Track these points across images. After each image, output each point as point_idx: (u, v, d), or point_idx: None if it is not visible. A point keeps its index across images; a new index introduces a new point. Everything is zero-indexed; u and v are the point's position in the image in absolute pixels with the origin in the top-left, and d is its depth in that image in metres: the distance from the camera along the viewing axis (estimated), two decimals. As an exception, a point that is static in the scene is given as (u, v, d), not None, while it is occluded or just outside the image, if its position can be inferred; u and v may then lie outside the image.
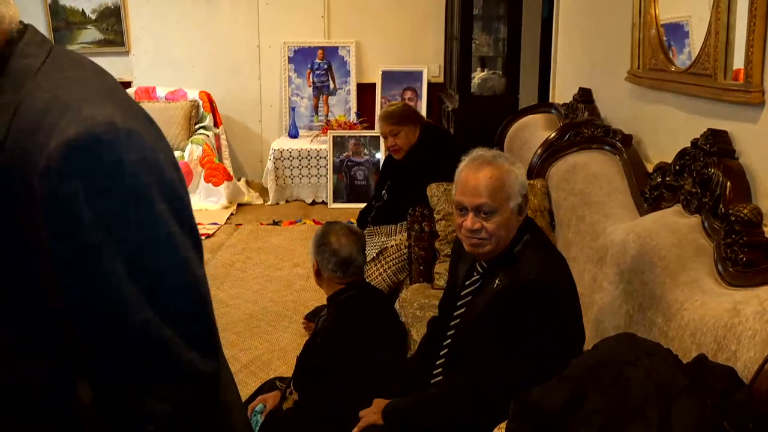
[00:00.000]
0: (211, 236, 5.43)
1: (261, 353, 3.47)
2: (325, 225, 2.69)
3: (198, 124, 6.70)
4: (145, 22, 7.06)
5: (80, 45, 7.12)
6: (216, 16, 6.97)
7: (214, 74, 7.03)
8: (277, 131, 7.11)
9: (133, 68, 7.15)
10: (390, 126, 3.72)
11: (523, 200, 1.93)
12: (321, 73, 6.99)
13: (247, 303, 4.13)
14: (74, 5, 7.03)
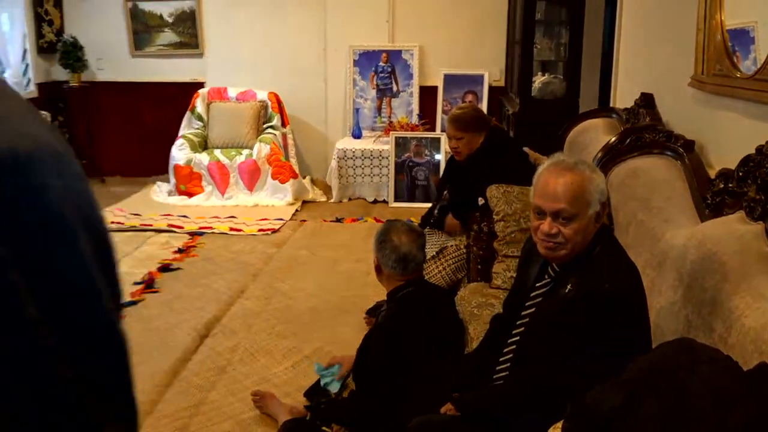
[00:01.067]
0: (276, 231, 5.51)
1: (322, 345, 3.50)
2: (387, 223, 2.71)
3: (266, 124, 6.81)
4: (218, 26, 7.20)
5: (158, 47, 7.31)
6: (285, 20, 7.07)
7: (282, 76, 7.13)
8: (341, 131, 7.17)
9: (206, 69, 7.30)
10: (455, 130, 3.71)
11: (601, 208, 1.90)
12: (385, 76, 7.02)
13: (310, 296, 4.18)
14: (153, 10, 7.22)
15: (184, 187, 6.50)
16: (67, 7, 7.38)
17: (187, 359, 3.38)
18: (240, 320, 3.83)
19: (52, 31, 7.32)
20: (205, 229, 5.58)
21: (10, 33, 6.68)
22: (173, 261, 4.83)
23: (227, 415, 2.87)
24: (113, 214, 5.97)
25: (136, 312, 3.96)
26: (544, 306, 1.97)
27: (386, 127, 6.85)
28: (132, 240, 5.35)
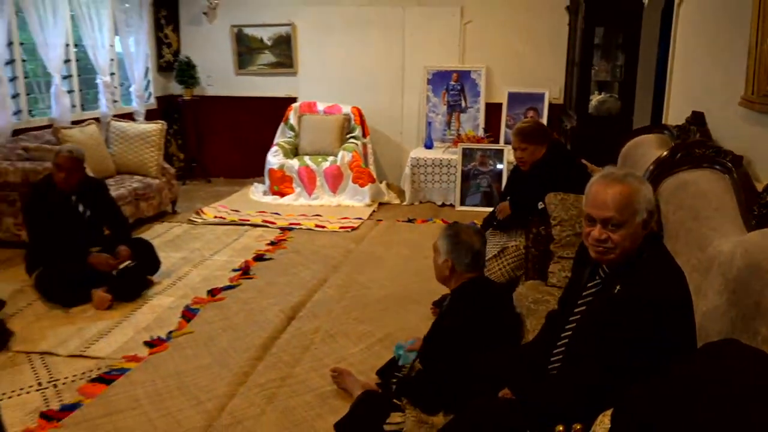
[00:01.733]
0: (355, 229, 5.55)
1: (393, 330, 3.50)
2: (455, 226, 2.65)
3: (349, 134, 6.88)
4: (310, 49, 7.32)
5: (258, 66, 7.48)
6: (368, 43, 7.13)
7: (365, 92, 7.18)
8: (414, 142, 7.18)
9: (299, 86, 7.43)
10: (519, 141, 3.66)
11: (648, 216, 1.85)
12: (455, 93, 6.98)
13: (383, 287, 4.20)
14: (255, 34, 7.40)
15: (277, 188, 6.63)
16: (184, 32, 7.64)
17: (276, 337, 3.44)
18: (322, 306, 3.88)
19: (170, 53, 7.59)
20: (294, 225, 5.68)
21: (136, 54, 6.96)
22: (266, 252, 4.93)
23: (309, 388, 2.91)
24: (217, 210, 6.14)
25: (234, 294, 4.06)
26: (594, 305, 1.93)
27: (455, 139, 6.82)
28: (232, 232, 5.50)
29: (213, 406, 2.74)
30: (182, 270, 4.52)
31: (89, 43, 6.21)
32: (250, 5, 7.35)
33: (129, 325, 3.61)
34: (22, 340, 3.40)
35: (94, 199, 4.18)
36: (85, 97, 6.50)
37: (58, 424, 2.62)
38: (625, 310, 1.75)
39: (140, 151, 5.93)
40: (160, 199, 5.90)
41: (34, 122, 5.69)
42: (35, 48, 5.62)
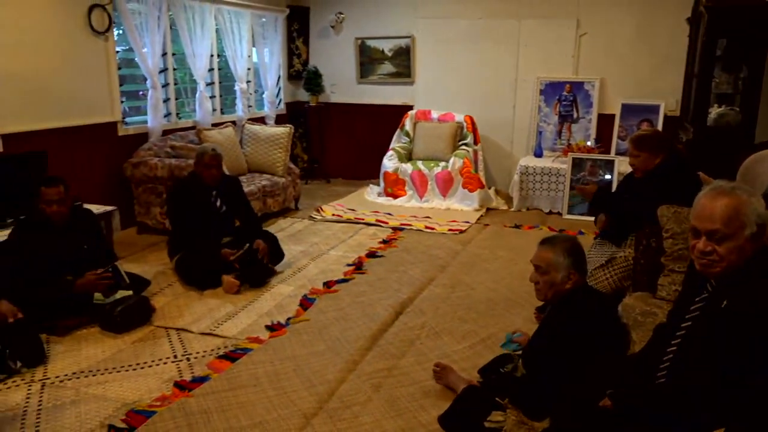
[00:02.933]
0: (463, 232, 5.50)
1: (496, 331, 3.43)
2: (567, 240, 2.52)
3: (461, 141, 6.82)
4: (427, 59, 7.33)
5: (378, 76, 7.59)
6: (482, 54, 7.03)
7: (478, 101, 7.10)
8: (524, 150, 7.00)
9: (415, 95, 7.46)
10: (633, 148, 3.48)
11: (759, 229, 1.70)
12: (567, 104, 6.74)
13: (488, 289, 4.12)
14: (377, 46, 7.51)
15: (390, 190, 6.69)
16: (313, 44, 7.89)
17: (384, 330, 3.47)
18: (429, 303, 3.87)
19: (299, 63, 7.87)
20: (405, 225, 5.70)
21: (270, 63, 7.27)
22: (378, 249, 4.98)
23: (413, 381, 2.90)
24: (335, 208, 6.29)
25: (347, 288, 4.13)
26: (701, 319, 1.80)
27: (565, 148, 6.59)
28: (347, 230, 5.61)
29: (324, 390, 2.80)
30: (302, 262, 4.67)
31: (230, 54, 6.56)
32: (373, 19, 7.48)
33: (253, 309, 3.77)
34: (161, 316, 3.64)
35: (230, 195, 4.41)
36: (224, 102, 6.87)
37: (189, 393, 2.77)
38: (732, 325, 1.62)
39: (269, 152, 6.18)
40: (284, 197, 6.13)
41: (181, 124, 6.09)
42: (184, 58, 6.00)
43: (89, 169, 5.02)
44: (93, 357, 3.13)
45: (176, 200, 4.26)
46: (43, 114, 4.63)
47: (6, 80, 4.31)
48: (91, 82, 5.04)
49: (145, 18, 5.37)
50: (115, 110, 5.28)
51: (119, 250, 4.49)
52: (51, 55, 4.65)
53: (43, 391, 2.80)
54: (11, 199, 3.98)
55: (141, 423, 2.53)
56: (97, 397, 2.74)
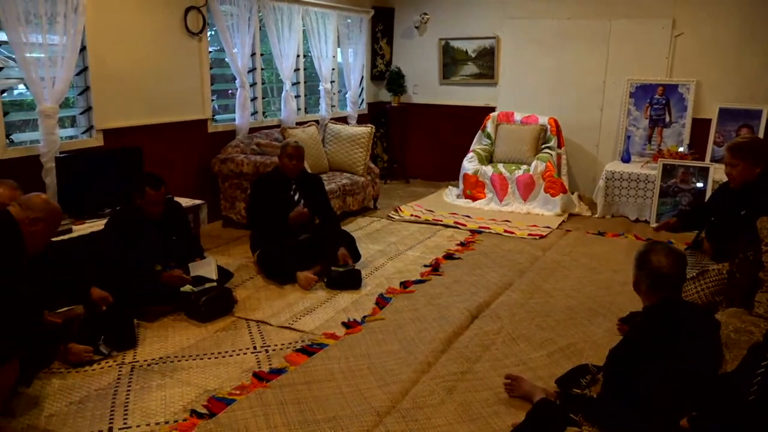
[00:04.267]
0: (543, 237, 5.38)
1: (575, 341, 3.33)
2: (649, 244, 2.42)
3: (544, 144, 6.67)
4: (512, 60, 7.22)
5: (461, 77, 7.55)
6: (570, 55, 6.85)
7: (563, 104, 6.93)
8: (611, 155, 6.77)
9: (498, 96, 7.36)
10: (730, 157, 3.29)
11: None
12: (659, 107, 6.46)
13: (568, 297, 4.01)
14: (460, 47, 7.47)
15: (470, 192, 6.64)
16: (396, 45, 7.95)
17: (460, 333, 3.44)
18: (505, 308, 3.81)
19: (383, 63, 7.94)
20: (484, 228, 5.64)
21: (353, 64, 7.37)
22: (455, 251, 4.95)
23: (487, 386, 2.87)
24: (413, 209, 6.30)
25: (424, 289, 4.13)
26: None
27: (655, 154, 6.31)
28: (425, 231, 5.60)
29: (397, 389, 2.81)
30: (379, 261, 4.71)
31: (315, 54, 6.70)
32: (457, 19, 7.44)
33: (330, 306, 3.84)
34: (243, 307, 3.76)
35: (310, 191, 4.51)
36: (308, 101, 7.03)
37: (266, 384, 2.85)
38: None
39: (350, 152, 6.27)
40: (364, 196, 6.20)
41: (266, 122, 6.28)
42: (272, 58, 6.19)
43: (180, 164, 5.27)
44: (178, 343, 3.29)
45: (257, 191, 4.41)
46: (140, 111, 4.90)
47: (109, 79, 4.59)
48: (185, 81, 5.28)
49: (237, 19, 5.58)
50: (206, 108, 5.52)
51: (205, 242, 4.68)
52: (149, 55, 4.92)
53: (132, 374, 2.96)
54: (109, 191, 4.24)
55: (221, 410, 2.62)
56: (181, 382, 2.88)
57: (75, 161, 4.15)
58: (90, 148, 4.51)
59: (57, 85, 4.09)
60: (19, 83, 4.29)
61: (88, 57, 4.42)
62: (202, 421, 2.54)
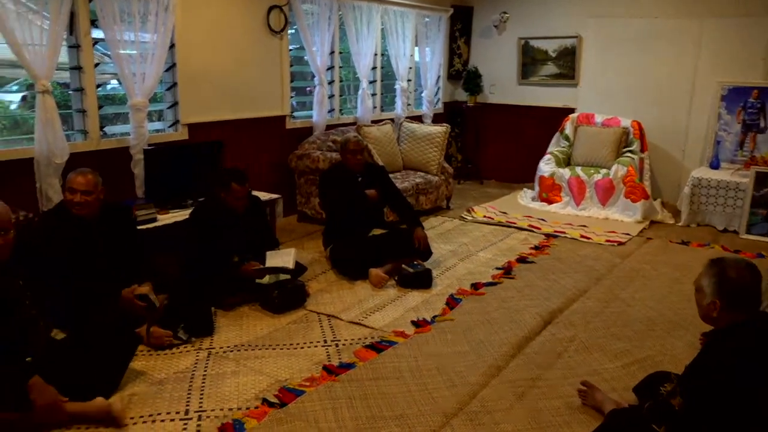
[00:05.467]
0: (622, 244, 5.20)
1: (653, 354, 3.21)
2: (719, 262, 2.24)
3: (626, 148, 6.45)
4: (594, 60, 7.02)
5: (540, 77, 7.40)
6: (656, 56, 6.59)
7: (647, 106, 6.68)
8: (698, 161, 6.46)
9: (578, 97, 7.17)
10: None
11: None
12: (753, 111, 6.11)
13: (647, 307, 3.86)
14: (540, 46, 7.33)
15: (545, 195, 6.50)
16: (474, 44, 7.88)
17: (531, 338, 3.38)
18: (579, 315, 3.71)
19: (460, 62, 7.89)
20: (559, 233, 5.51)
21: (430, 63, 7.37)
22: (529, 255, 4.86)
23: (558, 395, 2.80)
24: (486, 210, 6.24)
25: (494, 291, 4.08)
26: None
27: (747, 161, 5.97)
28: (498, 233, 5.54)
29: (465, 392, 2.79)
30: (450, 261, 4.69)
31: (393, 53, 6.74)
32: (538, 18, 7.30)
33: (400, 304, 3.86)
34: (315, 301, 3.84)
35: (375, 182, 4.53)
36: (384, 99, 7.07)
37: (335, 378, 2.90)
38: None
39: (425, 151, 6.27)
40: (437, 195, 6.19)
41: (343, 120, 6.37)
42: (350, 56, 6.27)
43: (258, 159, 5.42)
44: (252, 333, 3.39)
45: (325, 185, 4.48)
46: (223, 106, 5.07)
47: (194, 75, 4.78)
48: (266, 79, 5.43)
49: (317, 18, 5.68)
50: (284, 105, 5.66)
51: (280, 236, 4.79)
52: (233, 52, 5.09)
53: (208, 360, 3.08)
54: (191, 183, 4.41)
55: (291, 400, 2.69)
56: (254, 371, 2.96)
57: (161, 153, 4.35)
58: (175, 141, 4.71)
59: (147, 80, 4.29)
60: (113, 78, 4.53)
61: (176, 54, 4.62)
62: (272, 410, 2.61)
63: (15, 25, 3.56)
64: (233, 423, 2.51)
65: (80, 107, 4.15)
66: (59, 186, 3.81)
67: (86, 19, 4.04)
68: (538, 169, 6.61)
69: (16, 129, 4.28)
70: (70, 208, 3.11)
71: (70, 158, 3.86)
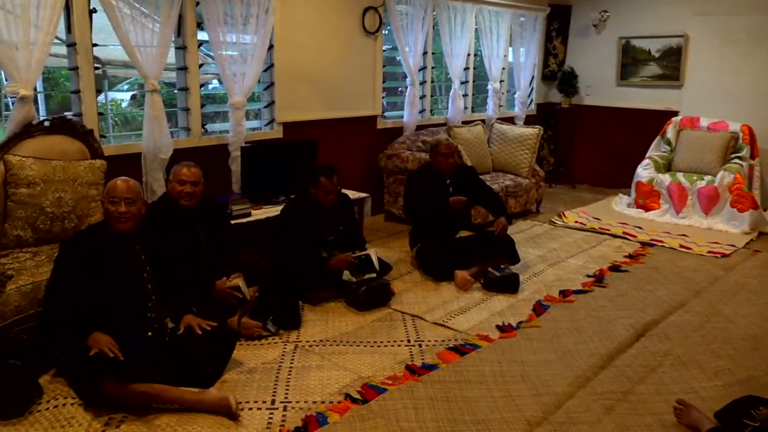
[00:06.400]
0: (726, 256, 4.88)
1: (759, 375, 2.99)
2: None
3: (734, 154, 6.05)
4: (701, 60, 6.65)
5: (641, 78, 7.09)
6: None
7: (760, 110, 6.25)
8: (816, 169, 5.98)
9: (682, 99, 6.81)
10: None
11: None
12: None
13: (752, 324, 3.61)
14: (642, 46, 7.02)
15: (642, 202, 6.22)
16: (571, 43, 7.65)
17: (622, 351, 3.24)
18: (676, 329, 3.52)
19: (555, 63, 7.69)
20: (656, 241, 5.26)
21: (524, 63, 7.22)
22: (622, 264, 4.67)
23: (650, 411, 2.67)
24: (578, 215, 6.05)
25: (584, 299, 3.95)
26: None
27: None
28: (589, 239, 5.35)
29: (551, 401, 2.72)
30: (538, 267, 4.58)
31: (486, 53, 6.66)
32: (641, 17, 6.99)
33: (485, 307, 3.81)
34: (399, 301, 3.86)
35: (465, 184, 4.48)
36: (476, 100, 7.00)
37: (417, 378, 2.90)
38: None
39: (515, 153, 6.15)
40: (527, 198, 6.06)
41: (433, 120, 6.36)
42: (442, 57, 6.25)
43: (349, 158, 5.52)
44: (338, 329, 3.45)
45: (412, 185, 4.47)
46: (317, 106, 5.20)
47: (291, 75, 4.92)
48: (360, 79, 5.52)
49: (411, 19, 5.71)
50: (376, 105, 5.72)
51: (367, 235, 4.86)
52: (329, 53, 5.20)
53: (295, 352, 3.16)
54: (284, 180, 4.55)
55: (373, 397, 2.71)
56: (338, 366, 3.02)
57: (257, 151, 4.51)
58: (271, 139, 4.87)
59: (247, 80, 4.47)
60: (214, 78, 4.75)
61: (275, 54, 4.78)
62: (355, 406, 2.65)
63: (129, 28, 3.80)
64: (316, 416, 2.56)
65: (185, 106, 4.38)
66: (163, 180, 4.04)
67: (193, 21, 4.26)
68: (636, 175, 6.33)
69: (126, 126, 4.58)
70: (178, 199, 3.29)
71: (173, 154, 4.08)
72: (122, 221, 2.75)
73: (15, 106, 3.41)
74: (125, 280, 2.76)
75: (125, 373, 2.49)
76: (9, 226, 3.21)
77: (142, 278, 2.82)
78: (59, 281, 2.67)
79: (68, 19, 3.71)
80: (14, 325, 2.78)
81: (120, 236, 2.78)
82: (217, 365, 2.86)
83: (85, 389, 2.57)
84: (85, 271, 2.67)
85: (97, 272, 2.68)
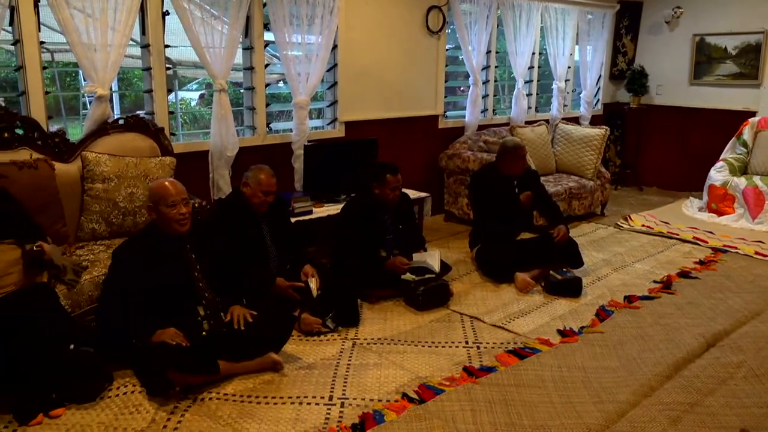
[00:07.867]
0: (806, 265, 4.63)
1: (840, 392, 2.82)
2: None
3: (816, 157, 5.72)
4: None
5: (716, 77, 6.80)
6: None
7: None
8: None
9: (761, 99, 6.49)
10: None
11: None
12: None
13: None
14: (718, 43, 6.72)
15: (715, 206, 5.96)
16: (641, 41, 7.41)
17: (691, 360, 3.11)
18: (750, 340, 3.35)
19: (624, 61, 7.46)
20: (729, 247, 5.02)
21: (591, 62, 7.03)
22: (692, 270, 4.49)
23: (720, 424, 2.55)
24: (645, 219, 5.85)
25: (651, 306, 3.82)
26: None
27: None
28: (657, 244, 5.17)
29: (613, 409, 2.64)
30: (602, 271, 4.46)
31: (551, 52, 6.53)
32: (717, 13, 6.69)
33: (546, 311, 3.73)
34: (457, 301, 3.83)
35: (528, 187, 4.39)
36: (539, 100, 6.87)
37: (475, 380, 2.87)
38: None
39: (580, 154, 6.01)
40: (591, 200, 5.91)
41: (495, 120, 6.29)
42: (506, 56, 6.17)
43: (410, 158, 5.52)
44: (396, 328, 3.46)
45: (478, 186, 4.42)
46: (379, 105, 5.22)
47: (354, 75, 4.97)
48: (422, 78, 5.51)
49: (474, 17, 5.66)
50: (438, 104, 5.70)
51: (426, 234, 4.85)
52: (392, 53, 5.21)
53: (353, 350, 3.19)
54: (345, 178, 4.59)
55: (430, 397, 2.71)
56: (395, 365, 3.02)
57: (320, 149, 4.57)
58: (333, 138, 4.93)
59: (311, 80, 4.53)
60: (280, 79, 4.84)
61: (338, 54, 4.83)
62: (412, 405, 2.65)
63: (200, 29, 3.92)
64: (373, 413, 2.57)
65: (250, 105, 4.48)
66: (228, 177, 4.15)
67: (260, 22, 4.35)
68: (709, 177, 6.07)
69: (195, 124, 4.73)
70: (257, 209, 3.38)
71: (239, 152, 4.18)
72: (183, 223, 2.80)
73: (92, 104, 3.59)
74: (178, 283, 2.81)
75: (184, 366, 2.59)
76: (85, 220, 3.37)
77: (193, 277, 2.88)
78: (115, 289, 2.72)
79: (143, 22, 3.87)
80: (88, 314, 2.92)
81: (172, 239, 2.83)
82: (276, 344, 2.99)
83: (149, 380, 2.66)
84: (139, 278, 2.70)
85: (151, 278, 2.72)
